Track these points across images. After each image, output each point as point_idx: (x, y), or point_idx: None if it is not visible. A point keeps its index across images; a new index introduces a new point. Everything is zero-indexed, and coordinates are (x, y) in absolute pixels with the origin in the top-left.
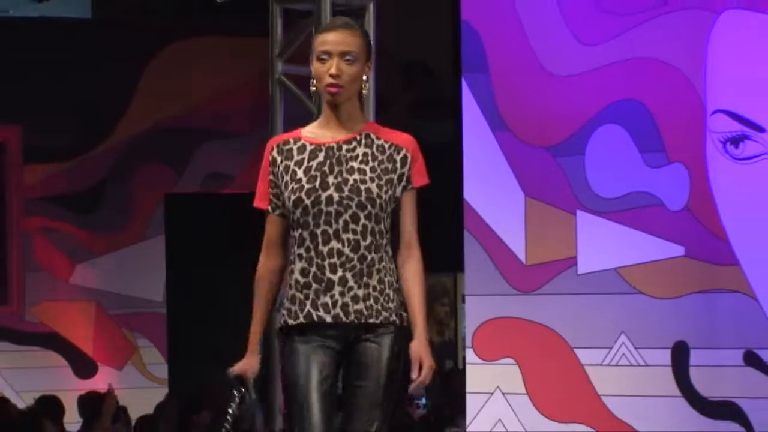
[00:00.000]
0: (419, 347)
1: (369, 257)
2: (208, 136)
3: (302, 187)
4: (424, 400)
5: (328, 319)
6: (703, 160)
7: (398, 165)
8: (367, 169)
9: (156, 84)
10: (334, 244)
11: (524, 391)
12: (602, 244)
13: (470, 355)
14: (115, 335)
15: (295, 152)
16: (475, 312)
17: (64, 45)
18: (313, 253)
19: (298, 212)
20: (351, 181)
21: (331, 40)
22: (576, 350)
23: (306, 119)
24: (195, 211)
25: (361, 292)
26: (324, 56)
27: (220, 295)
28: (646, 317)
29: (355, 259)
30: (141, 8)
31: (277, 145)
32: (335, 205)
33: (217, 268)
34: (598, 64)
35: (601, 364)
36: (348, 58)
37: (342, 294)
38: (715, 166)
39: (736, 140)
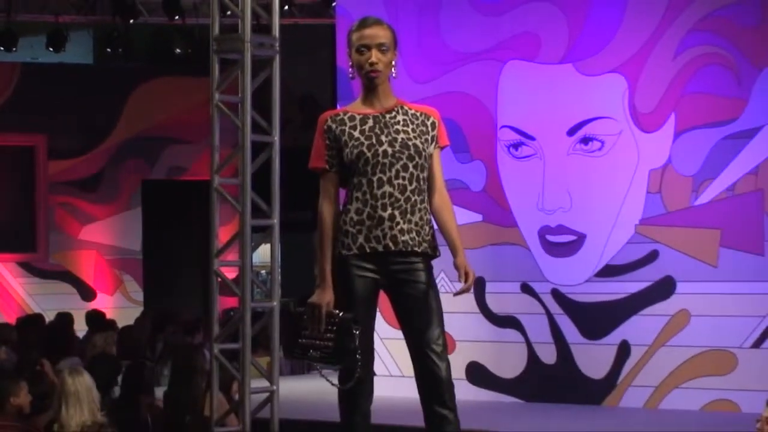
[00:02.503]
0: (463, 260)
1: (413, 198)
2: (171, 142)
3: (362, 143)
4: None
5: (380, 248)
6: (494, 158)
7: (429, 128)
8: (409, 130)
9: (136, 107)
10: (387, 188)
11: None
12: None
13: None
14: (108, 273)
15: (347, 120)
16: None
17: (75, 81)
18: (368, 196)
19: (360, 163)
20: (400, 139)
21: (368, 34)
22: None
23: (234, 131)
24: (162, 191)
25: (406, 226)
26: (363, 48)
27: (177, 246)
28: None
29: (402, 199)
30: (125, 57)
31: (330, 117)
32: (389, 157)
33: (175, 229)
34: (426, 95)
35: None
36: (383, 48)
37: (391, 228)
38: (502, 162)
39: (516, 145)
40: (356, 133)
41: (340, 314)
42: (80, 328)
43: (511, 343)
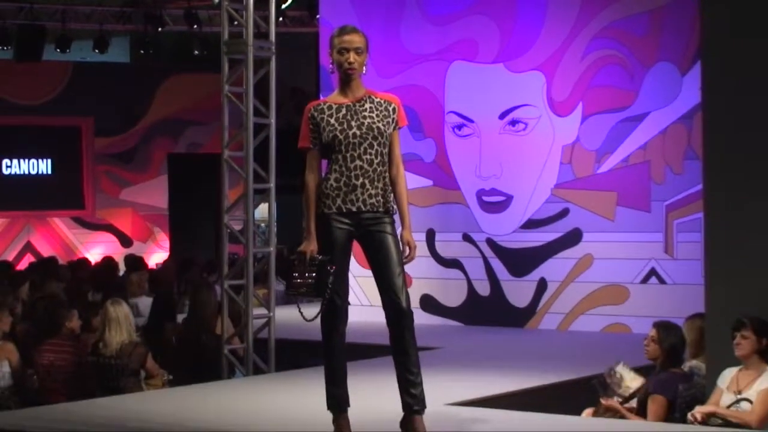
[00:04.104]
0: (408, 234)
1: (378, 170)
2: (190, 123)
3: (336, 128)
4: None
5: (354, 209)
6: (442, 136)
7: (391, 112)
8: (374, 115)
9: (163, 97)
10: (357, 162)
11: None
12: None
13: None
14: (142, 225)
15: (326, 109)
16: None
17: (115, 76)
18: (343, 168)
19: (335, 144)
20: (366, 123)
21: (347, 39)
22: None
23: (239, 115)
24: (183, 162)
25: (373, 191)
26: (343, 50)
27: (196, 205)
28: (414, 216)
29: (370, 170)
30: (155, 57)
31: (313, 107)
32: (358, 138)
33: (194, 191)
34: (389, 87)
35: None
36: (359, 50)
37: (362, 193)
38: (449, 140)
39: (459, 126)
40: (332, 120)
41: (320, 257)
42: (120, 269)
43: (454, 280)
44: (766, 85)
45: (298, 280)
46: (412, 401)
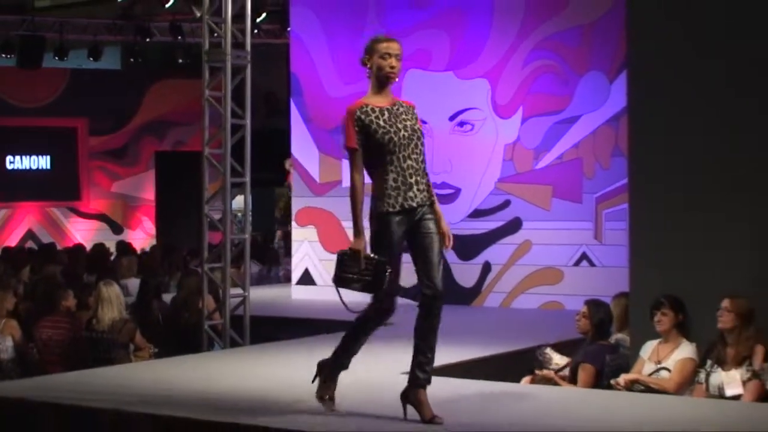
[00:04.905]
0: (445, 225)
1: (422, 167)
2: (175, 124)
3: (388, 130)
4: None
5: (414, 204)
6: None
7: (416, 116)
8: (409, 118)
9: (151, 100)
10: (409, 161)
11: (317, 240)
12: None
13: (294, 224)
14: (132, 215)
15: (370, 112)
16: (297, 204)
17: (108, 81)
18: (398, 168)
19: (389, 145)
20: (408, 126)
21: (388, 46)
22: (342, 222)
23: (218, 117)
24: (169, 158)
25: (422, 187)
26: (386, 55)
27: (179, 197)
28: None
29: (419, 168)
30: (144, 64)
31: (359, 109)
32: (406, 139)
33: (178, 184)
34: (353, 92)
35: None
36: (398, 58)
37: (417, 190)
38: None
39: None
40: (381, 122)
41: (376, 258)
42: (111, 254)
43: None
44: (682, 92)
45: (352, 276)
46: (424, 376)
